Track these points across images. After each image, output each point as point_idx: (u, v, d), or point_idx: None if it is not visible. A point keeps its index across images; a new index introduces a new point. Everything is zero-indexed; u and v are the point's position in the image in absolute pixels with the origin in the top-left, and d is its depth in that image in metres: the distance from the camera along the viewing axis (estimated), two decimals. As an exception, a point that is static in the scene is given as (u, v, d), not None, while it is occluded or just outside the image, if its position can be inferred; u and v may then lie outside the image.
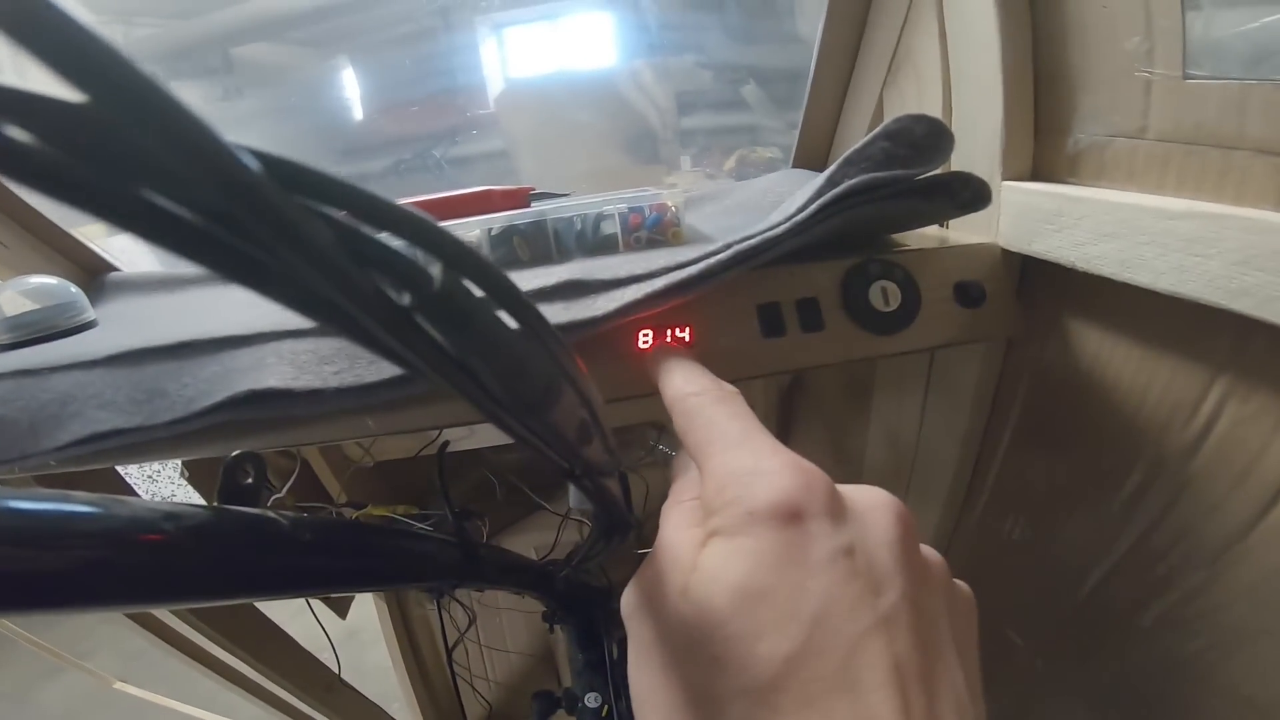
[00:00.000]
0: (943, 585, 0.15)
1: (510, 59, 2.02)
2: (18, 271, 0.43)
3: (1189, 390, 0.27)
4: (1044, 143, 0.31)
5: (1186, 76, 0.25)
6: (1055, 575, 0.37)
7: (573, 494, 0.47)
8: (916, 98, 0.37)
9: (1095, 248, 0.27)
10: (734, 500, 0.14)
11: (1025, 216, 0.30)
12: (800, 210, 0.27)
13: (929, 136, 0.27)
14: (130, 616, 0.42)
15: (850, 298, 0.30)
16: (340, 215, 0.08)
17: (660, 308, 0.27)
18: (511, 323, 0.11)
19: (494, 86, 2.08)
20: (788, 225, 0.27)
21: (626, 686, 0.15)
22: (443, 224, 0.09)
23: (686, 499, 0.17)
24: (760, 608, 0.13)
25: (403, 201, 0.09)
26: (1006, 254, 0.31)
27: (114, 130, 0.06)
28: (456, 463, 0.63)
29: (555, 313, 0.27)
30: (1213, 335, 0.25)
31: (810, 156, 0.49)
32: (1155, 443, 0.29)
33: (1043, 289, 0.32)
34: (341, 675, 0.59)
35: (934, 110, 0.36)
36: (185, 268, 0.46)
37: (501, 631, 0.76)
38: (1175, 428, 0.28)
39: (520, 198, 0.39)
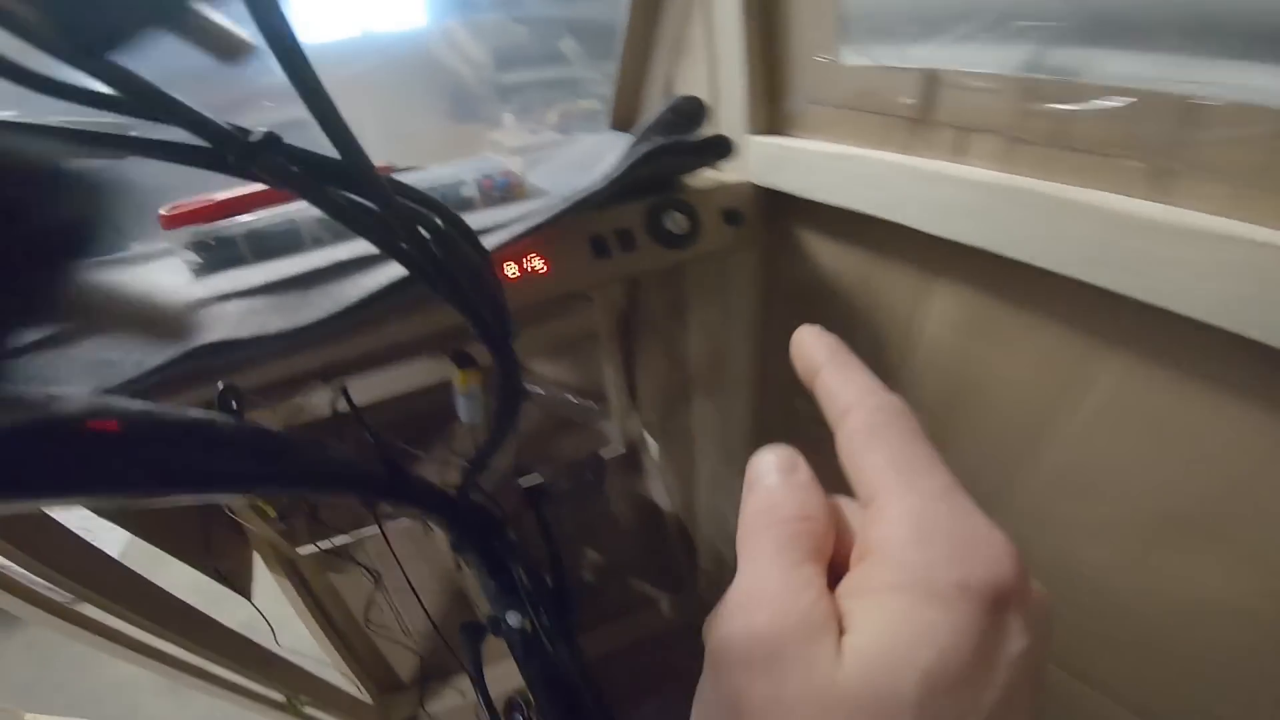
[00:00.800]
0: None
1: (301, 24, 1.84)
2: None
3: (902, 294, 0.42)
4: (774, 107, 0.45)
5: (842, 62, 0.40)
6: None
7: (462, 408, 0.53)
8: (693, 74, 0.49)
9: (807, 180, 0.41)
10: (942, 564, 0.12)
11: (764, 160, 0.44)
12: (616, 169, 0.38)
13: (695, 111, 0.39)
14: (57, 615, 0.43)
15: (653, 226, 0.42)
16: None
17: (520, 244, 0.36)
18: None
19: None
20: (608, 180, 0.37)
21: (543, 602, 0.19)
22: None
23: (791, 520, 0.14)
24: (948, 702, 0.11)
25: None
26: (756, 188, 0.45)
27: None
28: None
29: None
30: (914, 249, 0.40)
31: (623, 120, 0.60)
32: (875, 337, 0.44)
33: (783, 212, 0.47)
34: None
35: (703, 84, 0.48)
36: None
37: (407, 586, 0.81)
38: (895, 327, 0.43)
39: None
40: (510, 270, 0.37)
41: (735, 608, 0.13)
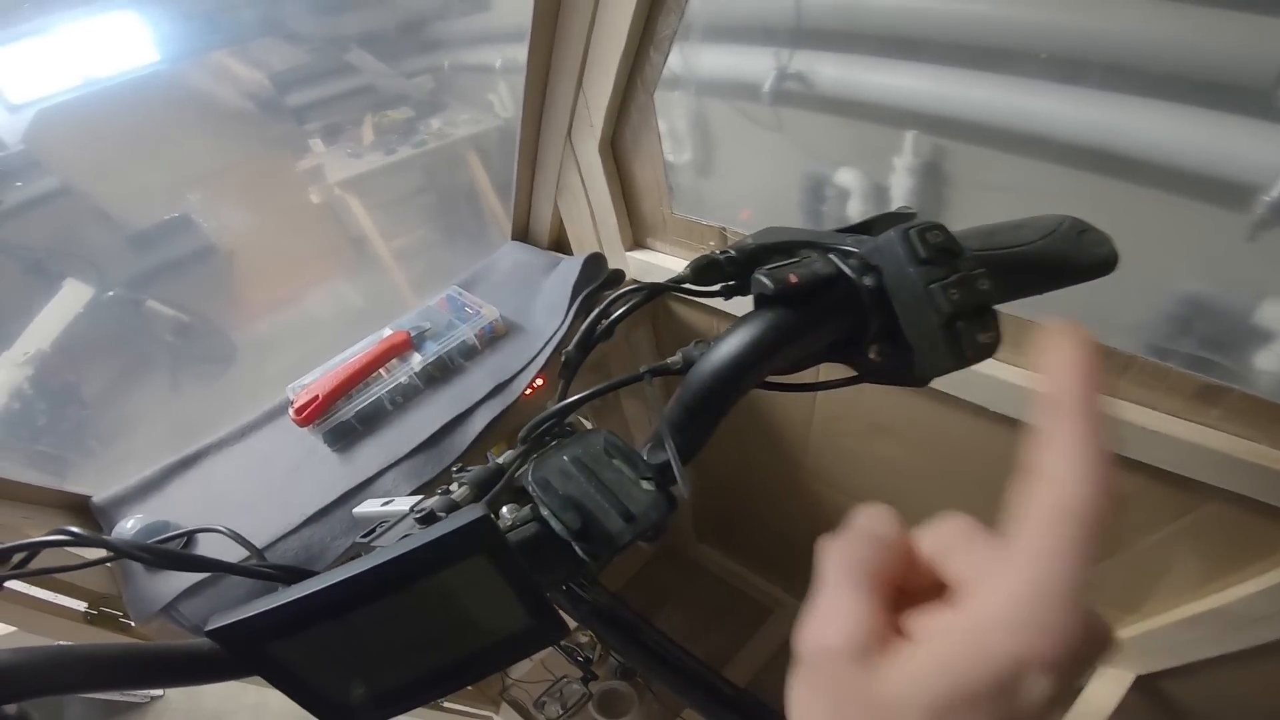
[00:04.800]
0: None
1: (4, 87, 1.62)
2: (37, 531, 0.54)
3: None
4: (638, 233, 0.75)
5: (673, 211, 0.70)
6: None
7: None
8: (577, 208, 0.76)
9: (656, 275, 0.72)
10: (1009, 642, 0.14)
11: (637, 265, 0.74)
12: (566, 312, 0.66)
13: (601, 263, 0.68)
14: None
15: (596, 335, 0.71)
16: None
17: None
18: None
19: (2, 122, 1.66)
20: (564, 322, 0.66)
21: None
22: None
23: (862, 552, 0.18)
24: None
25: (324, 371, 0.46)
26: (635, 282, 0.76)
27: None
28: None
29: (494, 406, 0.62)
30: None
31: (520, 231, 0.85)
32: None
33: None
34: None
35: (586, 215, 0.75)
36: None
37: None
38: None
39: (405, 341, 0.67)
40: (527, 391, 0.65)
41: (813, 621, 0.17)
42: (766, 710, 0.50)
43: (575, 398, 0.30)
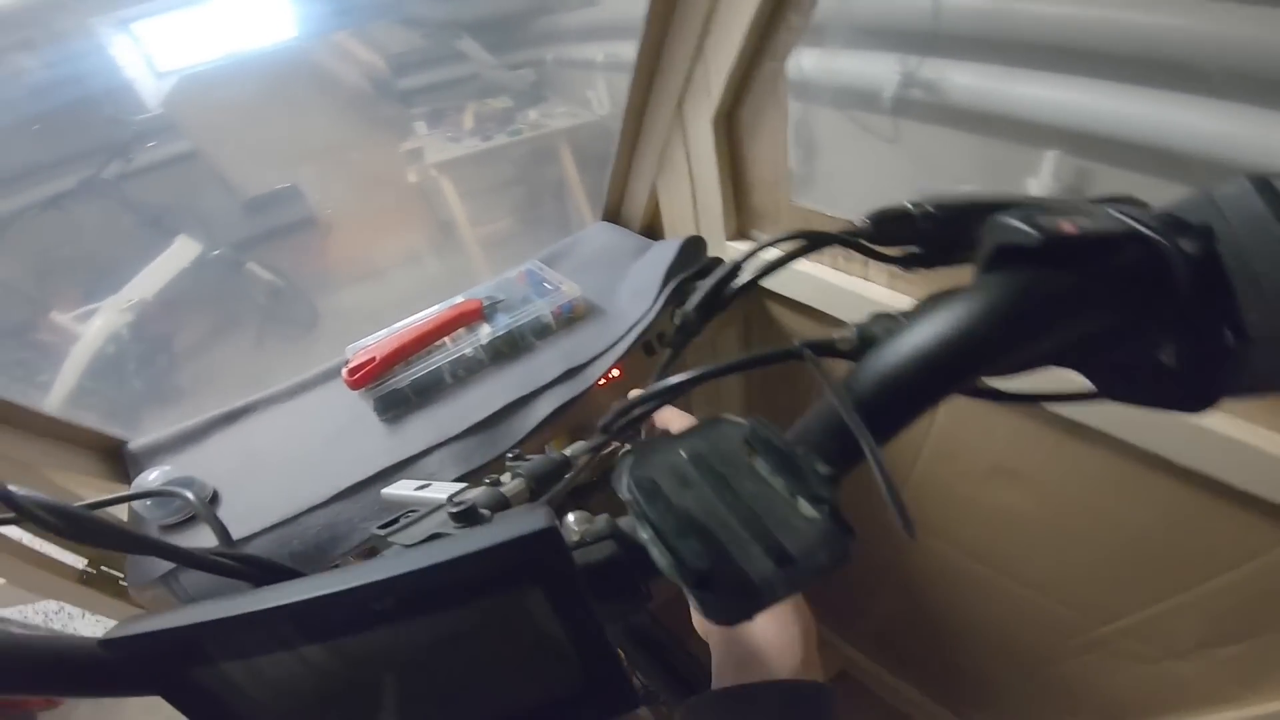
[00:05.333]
0: None
1: (156, 54, 1.74)
2: (48, 470, 0.51)
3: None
4: (742, 220, 0.65)
5: (792, 197, 0.61)
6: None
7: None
8: (677, 188, 0.68)
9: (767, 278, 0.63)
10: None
11: (737, 257, 0.65)
12: (655, 299, 0.58)
13: (699, 248, 0.59)
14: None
15: (681, 328, 0.62)
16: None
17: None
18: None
19: (147, 87, 1.78)
20: (652, 313, 0.57)
21: None
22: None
23: None
24: None
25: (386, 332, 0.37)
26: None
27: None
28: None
29: (562, 392, 0.54)
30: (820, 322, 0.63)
31: (613, 212, 0.78)
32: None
33: (753, 295, 0.68)
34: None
35: (687, 197, 0.67)
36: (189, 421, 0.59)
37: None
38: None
39: (476, 310, 0.61)
40: (600, 380, 0.57)
41: None
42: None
43: (690, 375, 0.21)
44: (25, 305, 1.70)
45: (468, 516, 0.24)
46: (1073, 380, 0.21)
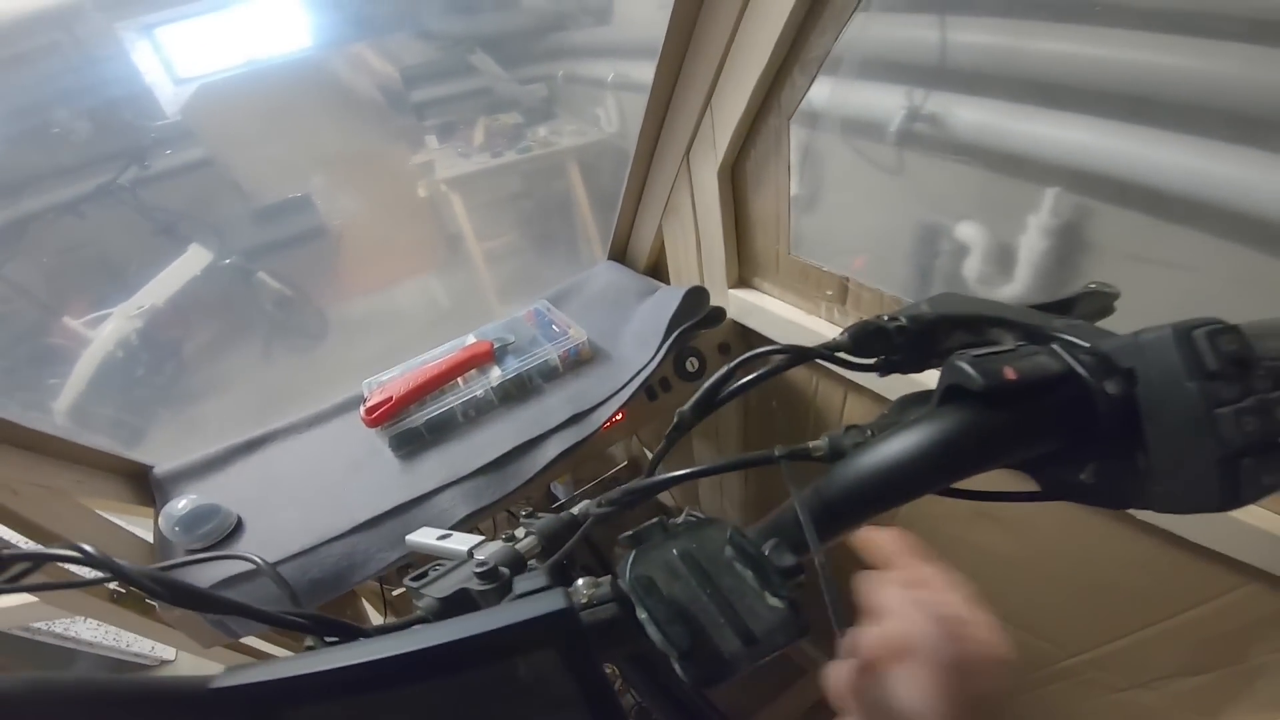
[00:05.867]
0: None
1: (176, 60, 1.80)
2: (80, 497, 0.55)
3: (832, 392, 0.69)
4: (744, 270, 0.69)
5: (791, 250, 0.65)
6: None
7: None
8: (682, 233, 0.72)
9: (768, 328, 0.66)
10: None
11: (740, 306, 0.68)
12: (657, 350, 0.61)
13: (703, 299, 0.63)
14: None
15: (679, 370, 0.66)
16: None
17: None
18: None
19: (166, 93, 1.84)
20: (657, 359, 0.61)
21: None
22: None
23: None
24: None
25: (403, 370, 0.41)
26: (735, 324, 0.70)
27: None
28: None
29: (569, 436, 0.57)
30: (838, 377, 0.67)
31: (618, 252, 0.82)
32: (817, 418, 0.71)
33: (753, 342, 0.72)
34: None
35: (691, 243, 0.71)
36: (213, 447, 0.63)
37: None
38: (829, 412, 0.70)
39: (487, 352, 0.65)
40: (604, 425, 0.60)
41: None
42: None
43: (684, 472, 0.25)
44: (38, 309, 1.75)
45: (490, 576, 0.28)
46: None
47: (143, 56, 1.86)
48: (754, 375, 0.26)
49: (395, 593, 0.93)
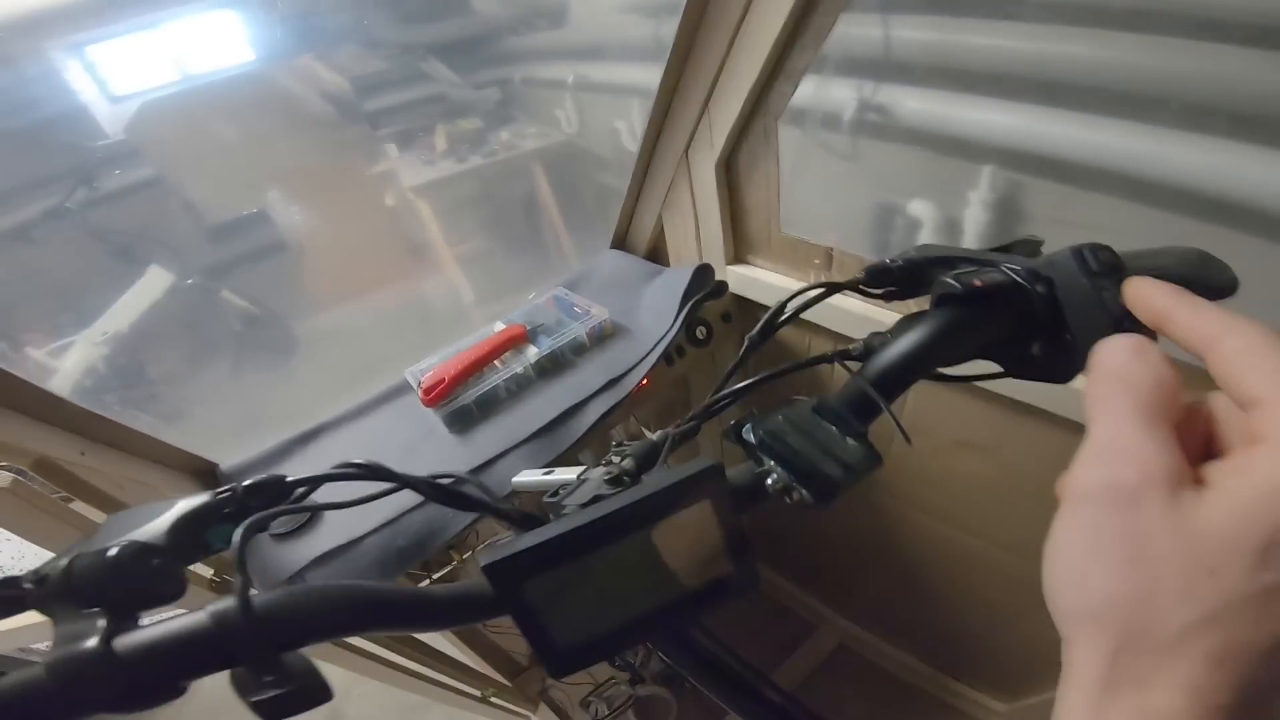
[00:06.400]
0: None
1: (111, 78, 1.79)
2: (165, 491, 0.61)
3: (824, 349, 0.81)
4: (740, 249, 0.81)
5: (782, 228, 0.76)
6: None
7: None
8: (682, 222, 0.83)
9: (763, 295, 0.78)
10: None
11: (738, 280, 0.80)
12: (675, 319, 0.72)
13: (710, 274, 0.74)
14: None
15: (690, 337, 0.77)
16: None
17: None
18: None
19: (102, 111, 1.83)
20: (674, 329, 0.72)
21: None
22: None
23: (1144, 384, 0.18)
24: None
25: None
26: (735, 297, 0.81)
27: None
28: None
29: (607, 399, 0.68)
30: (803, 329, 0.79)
31: (620, 240, 0.92)
32: (810, 378, 0.83)
33: (751, 310, 0.84)
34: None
35: (690, 229, 0.82)
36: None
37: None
38: (823, 370, 0.83)
39: (521, 334, 0.74)
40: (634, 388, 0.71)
41: (1095, 459, 0.17)
42: (813, 717, 0.53)
43: (753, 379, 0.36)
44: (-7, 343, 1.71)
45: (619, 480, 0.38)
46: (990, 367, 0.37)
47: (75, 75, 1.85)
48: (802, 303, 0.37)
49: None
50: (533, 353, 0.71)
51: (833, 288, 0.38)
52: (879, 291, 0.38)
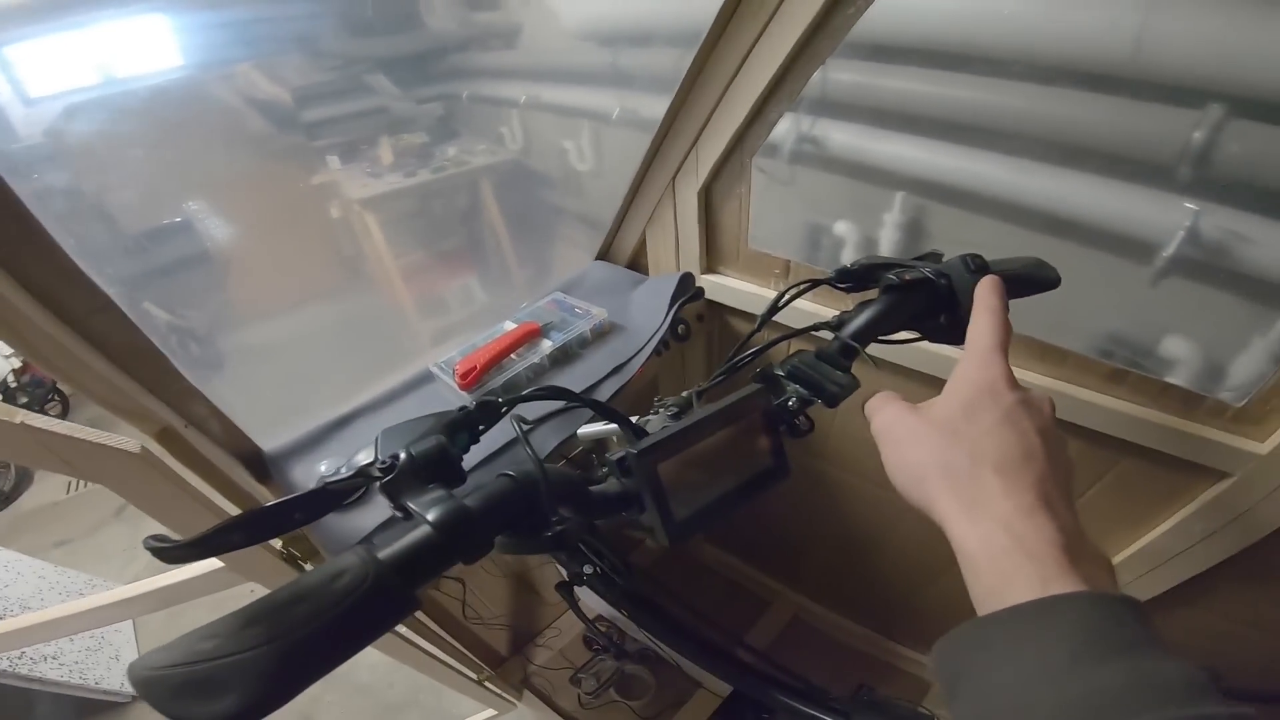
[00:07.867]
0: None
1: (28, 80, 1.79)
2: (232, 470, 0.73)
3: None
4: (712, 260, 1.03)
5: (750, 244, 0.99)
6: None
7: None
8: (663, 237, 1.04)
9: (732, 299, 1.00)
10: (969, 386, 0.39)
11: (711, 286, 1.02)
12: (665, 318, 0.93)
13: (691, 281, 0.95)
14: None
15: (674, 333, 0.97)
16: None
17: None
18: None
19: (18, 114, 1.82)
20: (665, 326, 0.92)
21: (604, 547, 0.69)
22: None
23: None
24: (973, 411, 0.37)
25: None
26: (708, 301, 1.03)
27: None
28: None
29: (614, 383, 0.86)
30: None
31: (604, 252, 1.12)
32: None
33: (721, 311, 1.05)
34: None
35: (671, 243, 1.03)
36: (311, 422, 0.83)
37: (483, 577, 1.23)
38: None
39: (536, 330, 0.91)
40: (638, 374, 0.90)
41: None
42: (783, 670, 0.71)
43: (772, 341, 0.57)
44: None
45: (677, 418, 0.57)
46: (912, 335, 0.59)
47: (-10, 77, 1.85)
48: (796, 292, 0.59)
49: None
50: (547, 345, 0.89)
51: (815, 282, 0.59)
52: (844, 285, 0.60)
